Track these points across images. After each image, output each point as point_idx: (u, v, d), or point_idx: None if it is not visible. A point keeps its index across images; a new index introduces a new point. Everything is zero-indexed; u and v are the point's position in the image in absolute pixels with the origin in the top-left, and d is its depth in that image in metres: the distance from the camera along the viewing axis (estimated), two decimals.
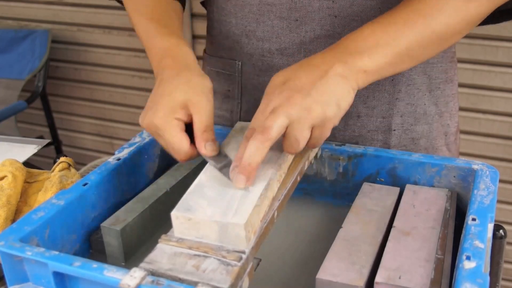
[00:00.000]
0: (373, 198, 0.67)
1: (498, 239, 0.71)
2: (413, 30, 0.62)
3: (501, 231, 0.71)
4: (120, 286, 0.46)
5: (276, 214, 0.57)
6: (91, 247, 0.64)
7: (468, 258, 0.50)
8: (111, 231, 0.62)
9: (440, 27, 0.62)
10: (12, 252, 0.52)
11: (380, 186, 0.70)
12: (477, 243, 0.52)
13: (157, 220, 0.67)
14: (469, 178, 0.66)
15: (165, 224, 0.67)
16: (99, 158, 1.97)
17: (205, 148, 0.59)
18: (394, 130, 0.79)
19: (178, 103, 0.60)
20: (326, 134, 0.58)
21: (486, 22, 0.73)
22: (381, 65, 0.61)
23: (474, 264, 0.49)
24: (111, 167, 0.67)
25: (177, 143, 0.59)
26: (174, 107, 0.60)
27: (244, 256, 0.50)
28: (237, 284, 0.48)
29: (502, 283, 1.69)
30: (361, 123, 0.79)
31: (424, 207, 0.64)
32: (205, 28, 0.90)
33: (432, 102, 0.80)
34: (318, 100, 0.56)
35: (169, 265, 0.49)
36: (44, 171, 0.82)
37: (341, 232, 0.60)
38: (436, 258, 0.55)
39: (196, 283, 0.47)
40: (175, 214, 0.52)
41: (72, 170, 0.79)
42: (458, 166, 0.67)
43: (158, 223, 0.67)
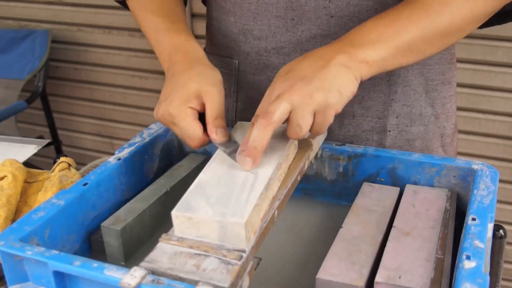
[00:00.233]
0: (373, 198, 0.67)
1: (498, 239, 0.71)
2: (417, 26, 0.63)
3: (501, 231, 0.71)
4: (121, 285, 0.46)
5: (276, 213, 0.57)
6: (91, 247, 0.64)
7: (468, 258, 0.50)
8: (111, 231, 0.62)
9: (444, 24, 0.63)
10: (12, 252, 0.52)
11: (380, 186, 0.70)
12: (477, 243, 0.52)
13: (157, 220, 0.67)
14: (469, 178, 0.66)
15: (165, 224, 0.67)
16: (99, 158, 1.97)
17: (216, 134, 0.62)
18: (389, 131, 0.79)
19: (192, 93, 0.63)
20: (329, 120, 0.59)
21: (491, 23, 0.73)
22: (384, 57, 0.62)
23: (474, 264, 0.49)
24: (111, 167, 0.67)
25: (191, 130, 0.62)
26: (188, 97, 0.63)
27: (245, 255, 0.50)
28: (237, 283, 0.48)
29: (502, 283, 1.69)
30: (356, 123, 0.79)
31: (424, 207, 0.64)
32: (205, 28, 0.90)
33: (428, 104, 0.80)
34: (320, 86, 0.57)
35: (169, 264, 0.49)
36: (44, 171, 0.82)
37: (341, 232, 0.60)
38: (436, 258, 0.55)
39: (196, 282, 0.47)
40: (175, 214, 0.52)
41: (72, 170, 0.79)
42: (458, 166, 0.67)
43: (158, 223, 0.67)
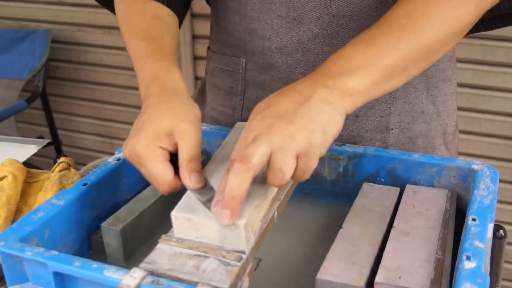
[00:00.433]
0: (373, 198, 0.67)
1: (498, 239, 0.71)
2: (398, 48, 0.57)
3: (501, 231, 0.71)
4: (120, 286, 0.46)
5: (276, 214, 0.57)
6: (91, 247, 0.64)
7: (468, 258, 0.50)
8: (111, 231, 0.62)
9: (427, 41, 0.59)
10: (12, 252, 0.52)
11: (380, 186, 0.70)
12: (477, 243, 0.52)
13: (157, 220, 0.67)
14: (469, 178, 0.66)
15: (165, 224, 0.67)
16: (99, 158, 1.96)
17: (189, 180, 0.55)
18: (392, 129, 0.79)
19: (163, 130, 0.56)
20: (313, 164, 0.53)
21: (496, 25, 0.72)
22: (367, 85, 0.56)
23: (474, 264, 0.49)
24: (111, 167, 0.67)
25: (160, 173, 0.55)
26: (158, 135, 0.56)
27: (244, 256, 0.50)
28: (237, 284, 0.48)
29: (502, 283, 1.69)
30: (359, 123, 0.79)
31: (424, 207, 0.64)
32: (205, 28, 0.90)
33: (430, 101, 0.80)
34: (302, 126, 0.52)
35: (169, 265, 0.49)
36: (44, 171, 0.82)
37: (341, 232, 0.60)
38: (436, 258, 0.55)
39: (196, 283, 0.47)
40: (175, 214, 0.52)
41: (72, 170, 0.79)
42: (458, 166, 0.67)
43: (158, 223, 0.67)
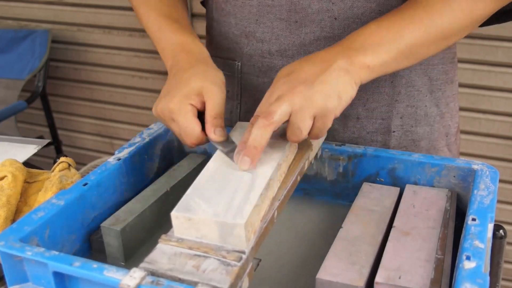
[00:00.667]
0: (373, 198, 0.67)
1: (498, 239, 0.71)
2: (419, 27, 0.63)
3: (501, 231, 0.71)
4: (120, 287, 0.46)
5: (276, 214, 0.57)
6: (91, 247, 0.64)
7: (468, 258, 0.50)
8: (111, 231, 0.62)
9: (446, 25, 0.64)
10: (12, 252, 0.52)
11: (380, 186, 0.70)
12: (477, 243, 0.52)
13: (157, 220, 0.67)
14: (469, 178, 0.66)
15: (165, 224, 0.67)
16: (99, 158, 1.97)
17: (214, 133, 0.62)
18: (394, 131, 0.79)
19: (193, 90, 0.63)
20: (328, 125, 0.59)
21: (491, 22, 0.73)
22: (384, 60, 0.62)
23: (474, 264, 0.49)
24: (111, 167, 0.67)
25: (190, 126, 0.62)
26: (189, 93, 0.63)
27: (244, 256, 0.50)
28: (237, 284, 0.48)
29: (502, 283, 1.69)
30: (360, 125, 0.79)
31: (424, 207, 0.64)
32: (205, 28, 0.90)
33: (433, 104, 0.80)
34: (320, 91, 0.58)
35: (169, 265, 0.49)
36: (44, 171, 0.82)
37: (341, 232, 0.60)
38: (436, 258, 0.55)
39: (196, 283, 0.47)
40: (175, 214, 0.52)
41: (72, 170, 0.79)
42: (458, 166, 0.67)
43: (158, 223, 0.67)
